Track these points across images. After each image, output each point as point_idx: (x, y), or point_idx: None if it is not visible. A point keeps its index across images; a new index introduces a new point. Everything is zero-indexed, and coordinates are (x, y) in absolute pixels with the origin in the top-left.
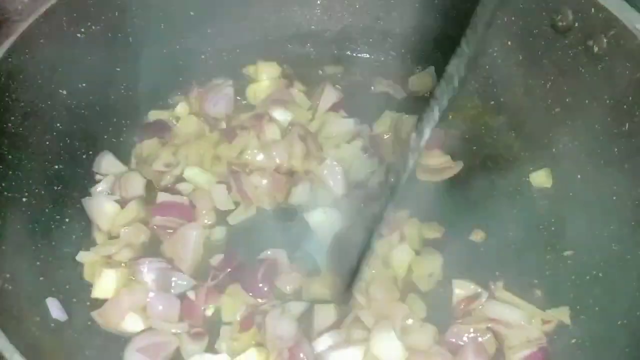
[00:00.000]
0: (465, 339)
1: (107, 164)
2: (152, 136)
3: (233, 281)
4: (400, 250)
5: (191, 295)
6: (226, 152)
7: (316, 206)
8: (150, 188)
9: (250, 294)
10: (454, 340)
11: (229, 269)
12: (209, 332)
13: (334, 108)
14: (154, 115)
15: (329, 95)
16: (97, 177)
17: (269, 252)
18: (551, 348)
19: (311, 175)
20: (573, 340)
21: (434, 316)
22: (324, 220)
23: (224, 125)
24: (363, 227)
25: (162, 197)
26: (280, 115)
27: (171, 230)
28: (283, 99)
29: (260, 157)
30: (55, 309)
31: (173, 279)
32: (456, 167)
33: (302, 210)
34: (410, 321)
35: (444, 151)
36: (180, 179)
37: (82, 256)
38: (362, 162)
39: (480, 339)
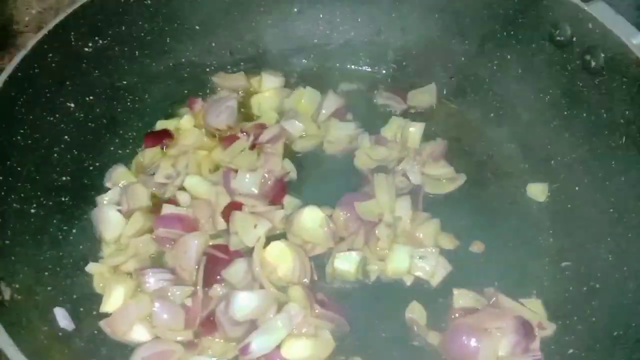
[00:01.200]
0: (463, 345)
1: (118, 175)
2: (154, 144)
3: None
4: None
5: (187, 302)
6: (222, 157)
7: None
8: (156, 199)
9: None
10: (452, 346)
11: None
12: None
13: (337, 114)
14: (161, 125)
15: (331, 101)
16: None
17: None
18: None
19: None
20: (570, 351)
21: (434, 323)
22: None
23: (225, 135)
24: None
25: (166, 209)
26: (292, 127)
27: (173, 242)
28: (291, 111)
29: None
30: (62, 319)
31: (175, 289)
32: (460, 180)
33: None
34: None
35: (447, 162)
36: (182, 189)
37: (92, 267)
38: None
39: (476, 345)
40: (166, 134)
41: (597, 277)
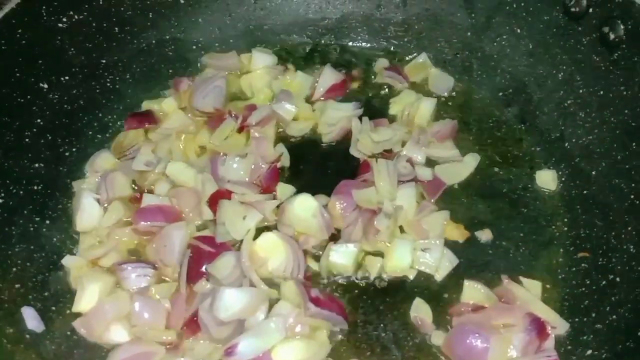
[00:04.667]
0: (469, 346)
1: (102, 161)
2: (137, 127)
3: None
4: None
5: (166, 304)
6: (208, 141)
7: None
8: (138, 187)
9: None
10: (458, 347)
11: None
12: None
13: (334, 90)
14: (147, 105)
15: (328, 76)
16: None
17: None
18: None
19: None
20: (588, 352)
21: (439, 321)
22: None
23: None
24: None
25: (147, 199)
26: (284, 110)
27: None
28: (284, 92)
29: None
30: (31, 319)
31: (156, 285)
32: (474, 162)
33: None
34: None
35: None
36: (165, 176)
37: (68, 260)
38: None
39: (485, 345)
40: (150, 116)
41: (617, 270)
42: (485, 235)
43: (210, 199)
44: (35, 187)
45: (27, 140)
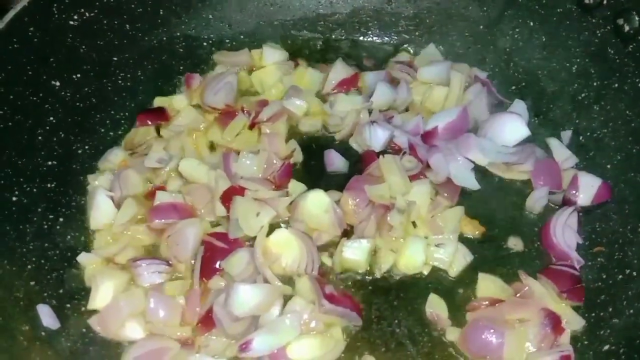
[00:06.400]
0: (484, 342)
1: (115, 158)
2: (149, 123)
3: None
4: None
5: (181, 300)
6: (220, 137)
7: None
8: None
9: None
10: (473, 342)
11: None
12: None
13: (345, 85)
14: (158, 102)
15: (339, 70)
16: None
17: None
18: (580, 355)
19: None
20: (605, 347)
21: (453, 317)
22: None
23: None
24: None
25: (160, 196)
26: (294, 106)
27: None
28: (294, 88)
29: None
30: (46, 317)
31: (171, 282)
32: None
33: None
34: None
35: None
36: (177, 174)
37: (83, 258)
38: None
39: (500, 340)
40: (162, 113)
41: (634, 264)
42: (515, 243)
43: (223, 195)
44: (49, 185)
45: (39, 138)
